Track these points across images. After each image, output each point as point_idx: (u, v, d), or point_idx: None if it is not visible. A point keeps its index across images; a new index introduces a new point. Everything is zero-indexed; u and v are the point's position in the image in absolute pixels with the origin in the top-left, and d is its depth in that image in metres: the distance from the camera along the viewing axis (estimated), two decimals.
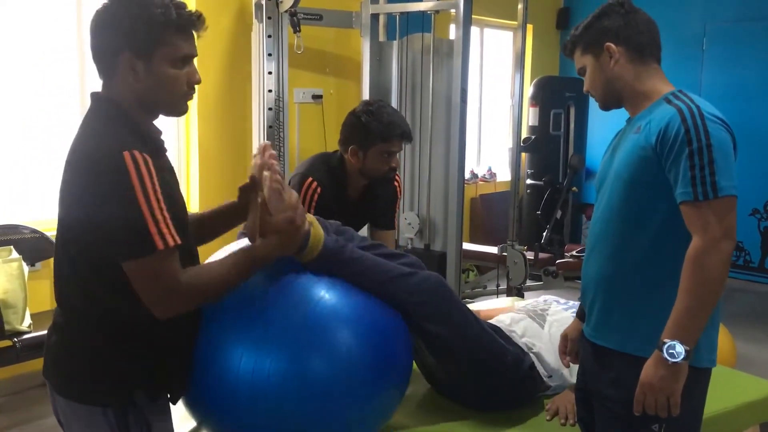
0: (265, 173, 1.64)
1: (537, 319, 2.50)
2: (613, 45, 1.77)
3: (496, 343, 2.15)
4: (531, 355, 2.31)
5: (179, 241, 1.46)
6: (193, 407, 1.81)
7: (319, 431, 1.75)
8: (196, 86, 1.60)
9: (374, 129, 2.52)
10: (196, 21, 1.54)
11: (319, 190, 2.55)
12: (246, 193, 1.76)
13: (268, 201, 1.61)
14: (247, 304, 1.73)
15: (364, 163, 2.56)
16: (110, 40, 1.49)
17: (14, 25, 3.81)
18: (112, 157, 1.41)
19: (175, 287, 1.47)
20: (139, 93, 1.52)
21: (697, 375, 1.68)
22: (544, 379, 2.32)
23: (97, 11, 1.52)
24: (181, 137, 4.49)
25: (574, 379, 2.32)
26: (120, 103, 1.52)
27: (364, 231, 2.97)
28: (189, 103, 1.61)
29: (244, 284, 1.66)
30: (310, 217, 1.85)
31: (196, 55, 1.58)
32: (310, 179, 2.56)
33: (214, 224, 1.86)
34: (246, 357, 1.66)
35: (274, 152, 1.69)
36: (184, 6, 1.54)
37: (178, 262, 1.49)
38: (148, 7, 1.47)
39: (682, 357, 1.59)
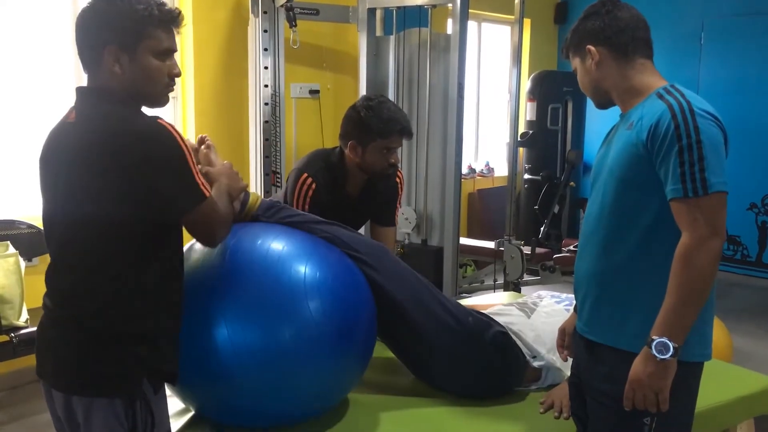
0: (202, 147, 2.01)
1: (525, 310, 2.52)
2: (592, 47, 1.78)
3: (452, 301, 2.34)
4: (509, 330, 2.34)
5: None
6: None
7: (281, 399, 1.91)
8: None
9: (373, 125, 2.50)
10: (176, 17, 1.64)
11: (314, 186, 2.54)
12: None
13: (205, 158, 1.97)
14: (214, 277, 1.89)
15: (363, 159, 2.55)
16: (96, 34, 1.57)
17: (11, 22, 3.81)
18: (156, 128, 1.53)
19: (224, 219, 1.72)
20: (124, 84, 1.60)
21: (688, 369, 1.69)
22: (527, 357, 2.33)
23: (83, 9, 1.60)
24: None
25: (568, 372, 2.33)
26: (114, 90, 1.59)
27: (362, 229, 2.97)
28: (170, 95, 1.72)
29: (209, 258, 1.93)
30: None
31: (177, 50, 1.68)
32: (306, 175, 2.56)
33: None
34: (216, 328, 1.82)
35: (202, 135, 2.06)
36: (164, 4, 1.63)
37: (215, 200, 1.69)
38: (132, 4, 1.57)
39: (670, 354, 1.60)
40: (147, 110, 1.67)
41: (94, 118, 1.57)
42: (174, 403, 1.92)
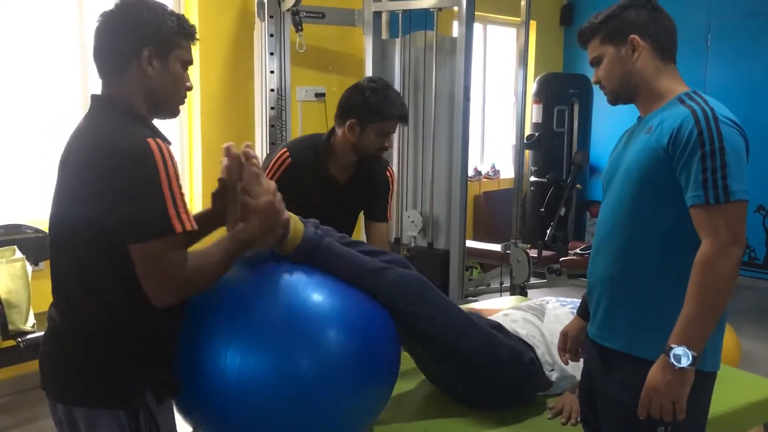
0: (245, 161, 1.74)
1: (535, 313, 2.50)
2: (638, 38, 1.73)
3: (488, 336, 2.17)
4: (532, 347, 2.31)
5: (195, 227, 1.53)
6: (181, 408, 1.82)
7: (306, 429, 1.77)
8: (197, 89, 1.69)
9: (376, 107, 2.49)
10: (195, 32, 1.69)
11: (288, 161, 2.53)
12: (219, 199, 1.83)
13: (248, 185, 1.71)
14: (233, 302, 1.76)
15: (360, 139, 2.53)
16: (130, 37, 1.58)
17: (16, 25, 3.81)
18: (138, 144, 1.48)
19: (180, 273, 1.51)
20: (150, 89, 1.61)
21: (701, 378, 1.67)
22: (546, 372, 2.31)
23: (110, 12, 1.60)
24: (184, 136, 4.49)
25: (578, 376, 2.31)
26: (128, 101, 1.59)
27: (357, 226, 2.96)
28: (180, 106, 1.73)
29: (229, 282, 1.73)
30: (290, 214, 1.90)
31: (193, 63, 1.72)
32: (284, 150, 2.57)
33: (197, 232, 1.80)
34: (231, 355, 1.68)
35: (248, 143, 1.82)
36: (186, 18, 1.69)
37: (186, 251, 1.54)
38: (165, 14, 1.62)
39: (689, 363, 1.58)
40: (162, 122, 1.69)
41: (94, 126, 1.57)
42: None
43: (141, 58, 1.58)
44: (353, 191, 2.68)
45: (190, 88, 1.69)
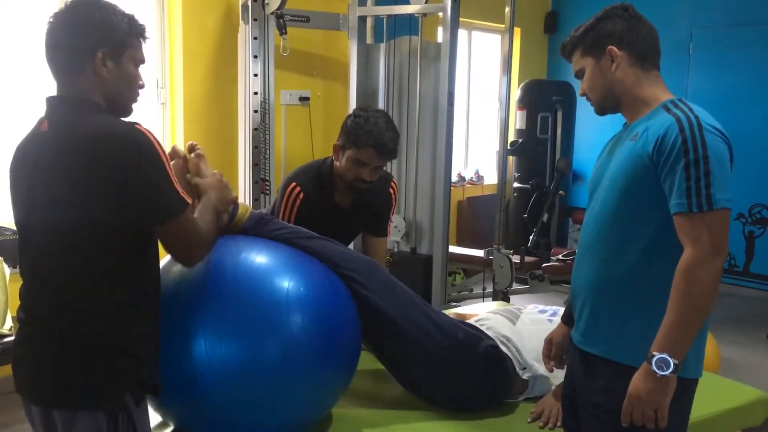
0: (191, 155, 2.01)
1: (510, 317, 2.51)
2: (615, 48, 1.74)
3: (442, 316, 2.31)
4: (498, 341, 2.32)
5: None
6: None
7: (262, 414, 1.89)
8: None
9: (352, 132, 2.47)
10: (145, 31, 1.72)
11: (301, 195, 2.54)
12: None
13: (195, 169, 1.97)
14: (195, 290, 1.87)
15: (340, 164, 2.53)
16: (86, 37, 1.58)
17: None
18: (135, 135, 1.54)
19: (203, 234, 1.71)
20: (105, 89, 1.62)
21: (683, 385, 1.67)
22: (518, 369, 2.32)
23: (62, 12, 1.60)
24: (167, 138, 4.46)
25: (555, 380, 2.32)
26: (90, 98, 1.60)
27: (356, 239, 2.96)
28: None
29: (191, 270, 1.84)
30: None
31: (145, 63, 1.74)
32: (294, 184, 2.56)
33: None
34: (201, 342, 1.80)
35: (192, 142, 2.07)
36: (136, 18, 1.71)
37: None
38: (116, 15, 1.63)
39: (671, 370, 1.58)
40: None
41: (70, 125, 1.56)
42: (154, 415, 1.90)
43: (95, 59, 1.59)
44: (356, 214, 2.69)
45: (143, 86, 1.72)
